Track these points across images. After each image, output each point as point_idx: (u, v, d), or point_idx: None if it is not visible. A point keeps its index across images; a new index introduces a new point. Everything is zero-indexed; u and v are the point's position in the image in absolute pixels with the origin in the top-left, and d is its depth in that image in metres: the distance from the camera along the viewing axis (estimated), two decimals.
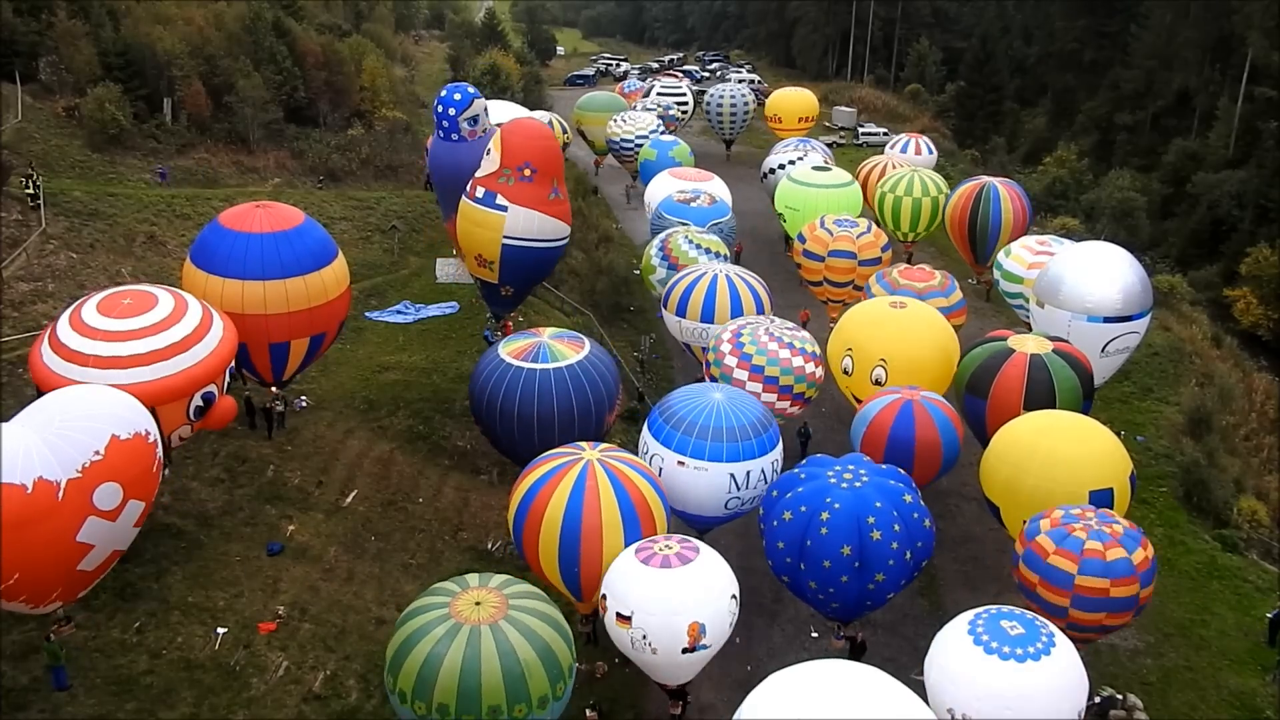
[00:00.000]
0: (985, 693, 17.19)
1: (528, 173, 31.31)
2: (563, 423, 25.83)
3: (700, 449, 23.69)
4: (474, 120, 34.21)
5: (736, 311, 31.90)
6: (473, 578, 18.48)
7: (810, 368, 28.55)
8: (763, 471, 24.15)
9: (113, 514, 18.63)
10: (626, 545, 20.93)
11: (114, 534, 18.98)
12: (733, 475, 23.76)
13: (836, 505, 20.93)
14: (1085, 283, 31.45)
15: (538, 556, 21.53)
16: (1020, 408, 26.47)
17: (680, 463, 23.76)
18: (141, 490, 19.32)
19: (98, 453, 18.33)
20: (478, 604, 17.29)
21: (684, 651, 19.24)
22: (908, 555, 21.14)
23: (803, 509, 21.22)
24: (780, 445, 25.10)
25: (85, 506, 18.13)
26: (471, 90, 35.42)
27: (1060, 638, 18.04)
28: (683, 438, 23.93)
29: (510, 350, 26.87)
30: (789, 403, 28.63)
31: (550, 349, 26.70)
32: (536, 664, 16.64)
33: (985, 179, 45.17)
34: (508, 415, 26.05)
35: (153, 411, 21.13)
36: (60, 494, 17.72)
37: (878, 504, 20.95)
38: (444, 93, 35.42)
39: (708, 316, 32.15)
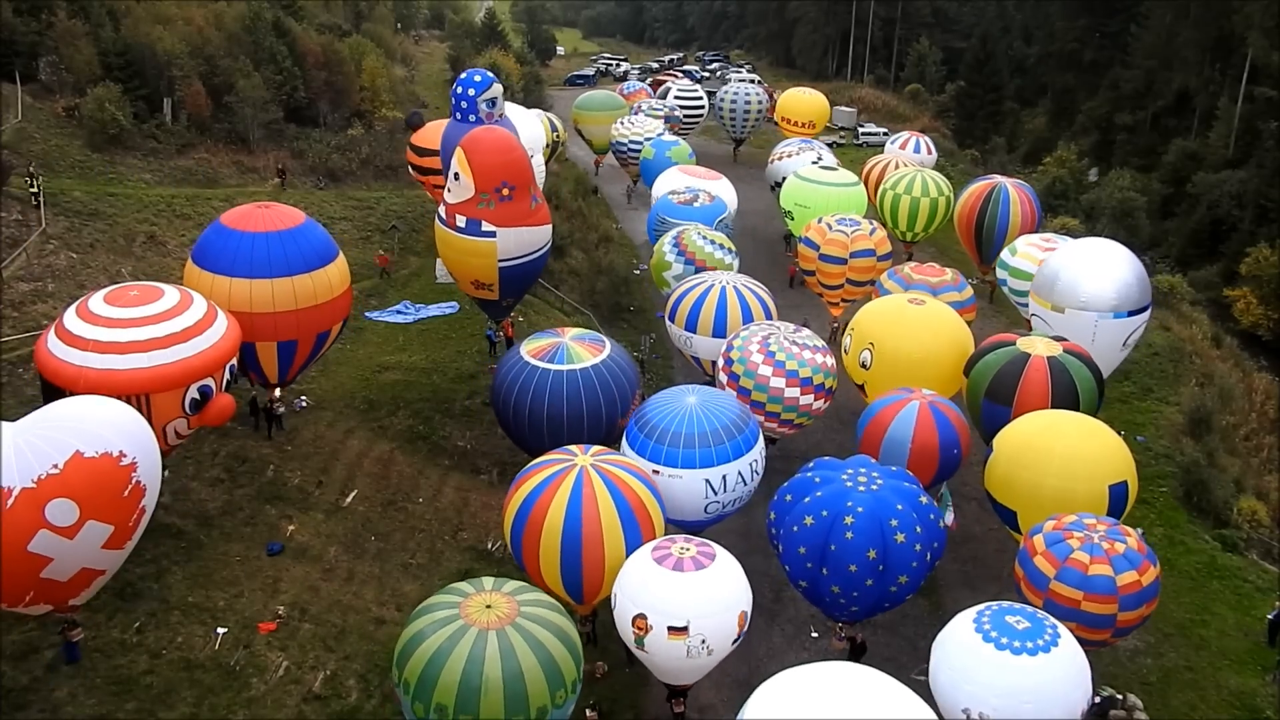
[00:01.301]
0: (1002, 689, 17.29)
1: (506, 192, 30.38)
2: (572, 424, 25.95)
3: (674, 457, 23.53)
4: (492, 103, 33.59)
5: (720, 323, 31.64)
6: (488, 581, 18.52)
7: (824, 359, 28.76)
8: (740, 474, 24.03)
9: (68, 531, 17.90)
10: (627, 548, 20.92)
11: (76, 552, 18.25)
12: (708, 480, 23.68)
13: (860, 509, 20.85)
14: (1103, 281, 31.51)
15: (538, 565, 21.43)
16: None
17: (655, 471, 23.53)
18: (105, 513, 18.41)
19: (55, 466, 17.80)
20: (488, 607, 17.38)
21: (732, 643, 19.61)
22: (928, 556, 21.26)
23: (824, 513, 21.10)
24: (760, 443, 24.98)
25: (37, 519, 17.55)
26: (490, 75, 35.15)
27: (1063, 629, 18.16)
28: (655, 446, 23.79)
29: (530, 349, 27.24)
30: (822, 400, 28.72)
31: (569, 350, 26.92)
32: (537, 672, 16.65)
33: (998, 179, 45.21)
34: (520, 412, 26.43)
35: (147, 401, 21.27)
36: (10, 501, 17.31)
37: (899, 506, 20.99)
38: (464, 75, 35.12)
39: (690, 326, 32.03)
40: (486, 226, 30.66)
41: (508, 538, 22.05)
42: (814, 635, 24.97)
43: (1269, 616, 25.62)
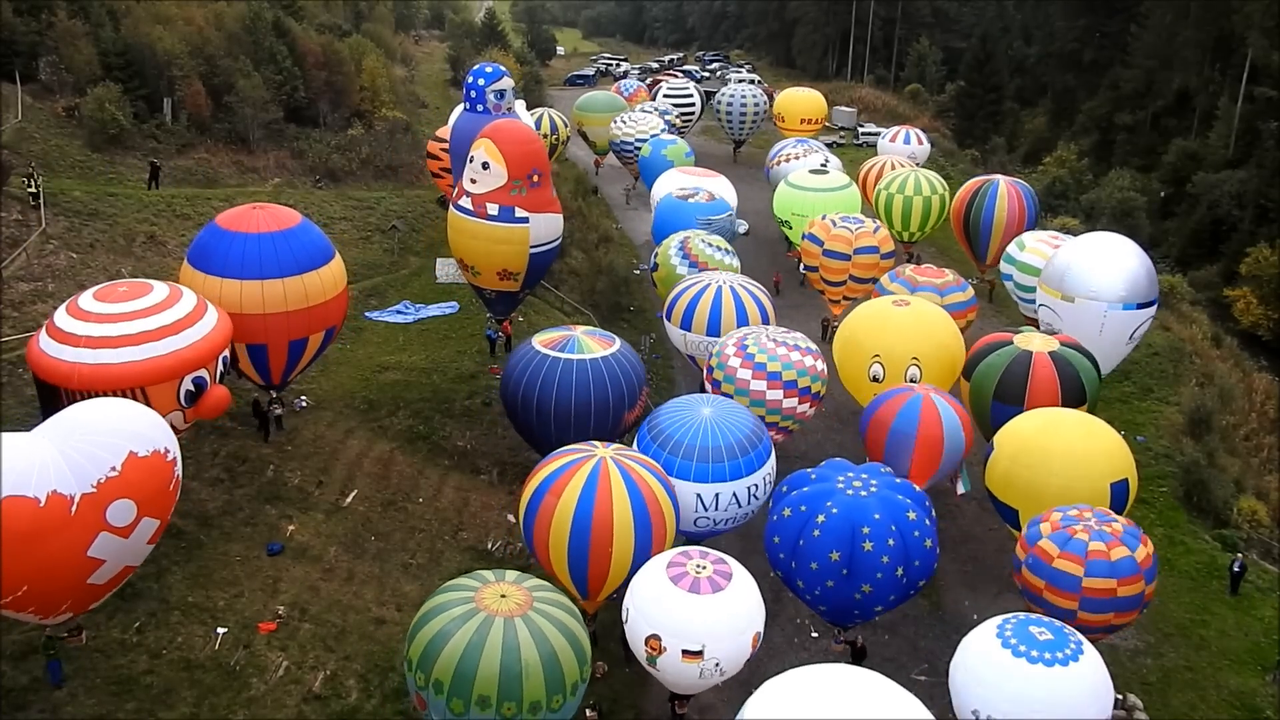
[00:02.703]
0: (1013, 695, 17.25)
1: (536, 178, 31.42)
2: (579, 412, 26.12)
3: (670, 465, 23.40)
4: (500, 94, 34.18)
5: (742, 323, 31.49)
6: (511, 573, 18.56)
7: (811, 361, 28.14)
8: (735, 495, 23.69)
9: (125, 530, 18.51)
10: (637, 544, 20.91)
11: (126, 550, 18.88)
12: (699, 495, 23.41)
13: (834, 510, 20.86)
14: (1114, 272, 31.91)
15: (547, 551, 21.48)
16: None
17: None
18: (156, 508, 19.19)
19: (114, 469, 18.21)
20: (503, 596, 17.45)
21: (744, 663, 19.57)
22: (899, 571, 20.84)
23: (802, 508, 21.27)
24: (769, 464, 24.63)
25: (98, 522, 18.02)
26: (505, 70, 35.83)
27: (1088, 646, 17.98)
28: (657, 451, 23.77)
29: (542, 340, 27.55)
30: (808, 404, 28.24)
31: (580, 342, 27.27)
32: (537, 669, 16.59)
33: (994, 177, 45.25)
34: (528, 400, 26.62)
35: (144, 395, 21.49)
36: (74, 508, 17.65)
37: (876, 515, 20.73)
38: (476, 66, 36.07)
39: (714, 330, 31.73)
40: (520, 213, 31.27)
41: (520, 521, 22.10)
42: (814, 635, 24.97)
43: (1233, 568, 26.65)
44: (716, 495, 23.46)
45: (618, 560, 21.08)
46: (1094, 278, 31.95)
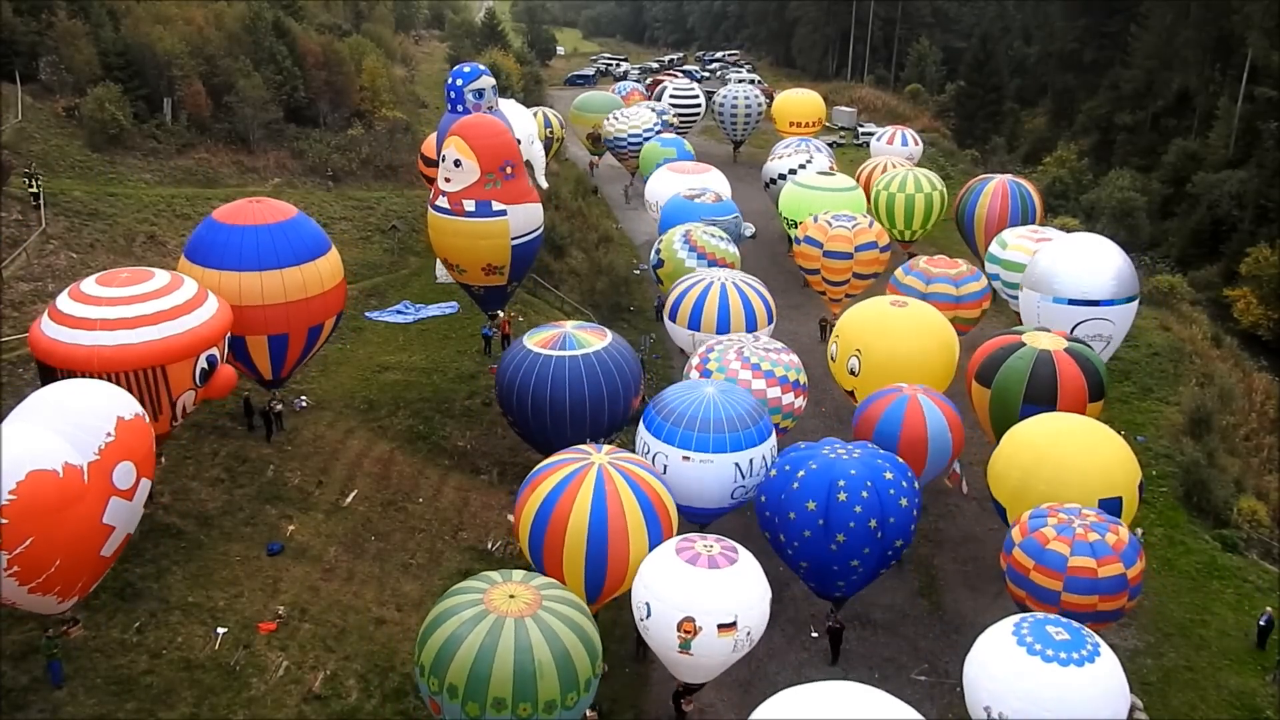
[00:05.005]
0: (1025, 693, 17.22)
1: (510, 170, 31.65)
2: (594, 406, 26.35)
3: (704, 442, 23.98)
4: (479, 94, 34.52)
5: (724, 321, 31.66)
6: (518, 573, 18.59)
7: (788, 398, 27.61)
8: (764, 458, 24.53)
9: (129, 493, 19.38)
10: (651, 544, 20.97)
11: (130, 514, 19.72)
12: (737, 465, 24.07)
13: (814, 465, 22.36)
14: (1056, 266, 32.76)
15: (560, 564, 21.21)
16: (1087, 405, 26.76)
17: (685, 458, 23.95)
18: (148, 469, 20.18)
19: (109, 434, 18.94)
20: (511, 597, 17.50)
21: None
22: (872, 524, 21.68)
23: (787, 468, 22.80)
24: (774, 432, 25.49)
25: (107, 487, 18.80)
26: (484, 69, 36.11)
27: (1104, 647, 17.93)
28: (684, 433, 24.15)
29: (536, 341, 27.54)
30: (801, 397, 28.39)
31: (576, 338, 27.44)
32: (551, 668, 16.64)
33: (993, 176, 45.30)
34: (540, 402, 26.53)
35: (163, 373, 22.22)
36: (85, 476, 18.30)
37: (852, 471, 22.08)
38: (456, 67, 36.49)
39: (694, 324, 31.89)
40: (497, 206, 31.45)
41: (525, 538, 21.79)
42: (814, 635, 24.97)
43: (1260, 622, 25.49)
44: (751, 460, 24.29)
45: (635, 563, 21.00)
46: (1039, 270, 33.10)
